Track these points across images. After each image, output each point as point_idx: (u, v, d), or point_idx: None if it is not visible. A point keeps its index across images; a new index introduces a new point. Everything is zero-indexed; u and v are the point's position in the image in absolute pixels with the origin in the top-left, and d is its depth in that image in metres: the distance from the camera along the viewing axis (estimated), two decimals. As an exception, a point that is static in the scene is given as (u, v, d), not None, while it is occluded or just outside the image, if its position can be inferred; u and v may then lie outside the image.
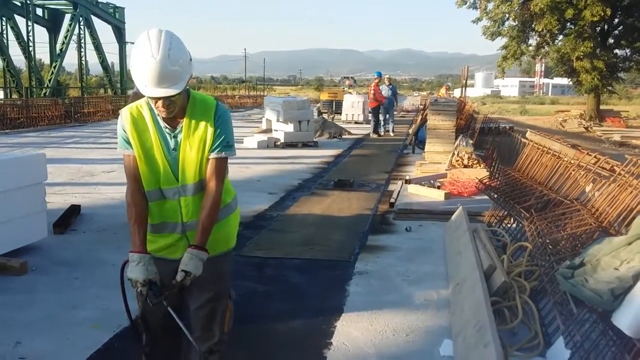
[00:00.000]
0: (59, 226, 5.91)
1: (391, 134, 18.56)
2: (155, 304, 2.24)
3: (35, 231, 5.25)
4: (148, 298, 2.23)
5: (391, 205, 7.51)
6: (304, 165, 11.58)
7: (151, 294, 2.22)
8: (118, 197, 7.50)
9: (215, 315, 2.44)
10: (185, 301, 2.43)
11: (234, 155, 2.37)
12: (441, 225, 6.23)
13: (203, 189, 2.32)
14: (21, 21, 29.94)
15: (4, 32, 29.29)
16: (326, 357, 3.34)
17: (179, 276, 2.20)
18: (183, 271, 2.20)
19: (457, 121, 12.35)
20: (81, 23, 32.94)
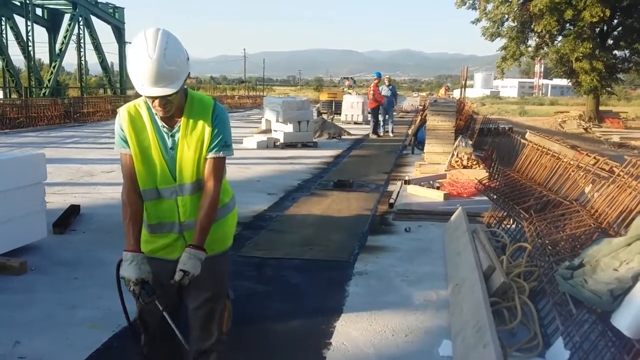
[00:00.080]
0: (59, 226, 5.92)
1: (390, 135, 18.57)
2: (148, 303, 2.25)
3: (34, 231, 5.25)
4: (141, 297, 2.24)
5: (390, 205, 7.51)
6: (304, 165, 11.58)
7: (144, 293, 2.23)
8: (117, 197, 7.41)
9: (213, 315, 2.44)
10: (183, 301, 2.43)
11: (232, 155, 2.37)
12: (440, 225, 6.24)
13: (200, 189, 2.32)
14: (20, 21, 29.97)
15: (4, 32, 29.28)
16: (325, 357, 3.35)
17: (178, 276, 2.21)
18: (181, 271, 2.20)
19: (457, 122, 12.36)
20: (81, 23, 32.94)
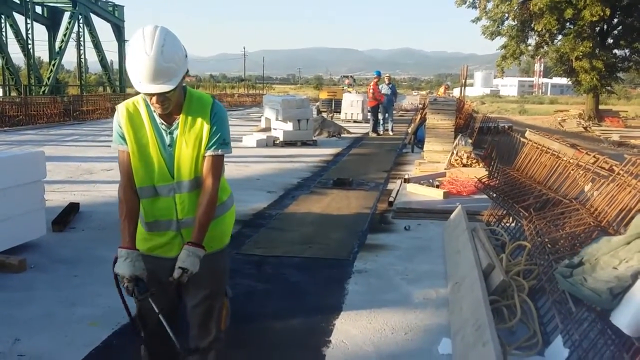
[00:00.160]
0: (58, 224, 5.91)
1: (390, 133, 18.56)
2: (140, 300, 2.25)
3: (34, 229, 5.25)
4: (134, 294, 2.24)
5: (390, 204, 7.51)
6: (303, 164, 11.58)
7: (137, 290, 2.23)
8: (116, 195, 7.45)
9: (212, 312, 2.44)
10: (182, 299, 2.43)
11: (230, 153, 2.36)
12: (440, 224, 6.24)
13: (198, 186, 2.32)
14: (20, 19, 29.95)
15: (3, 30, 29.25)
16: (325, 355, 3.35)
17: (176, 273, 2.20)
18: (180, 268, 2.20)
19: (456, 120, 12.37)
20: (80, 21, 32.91)
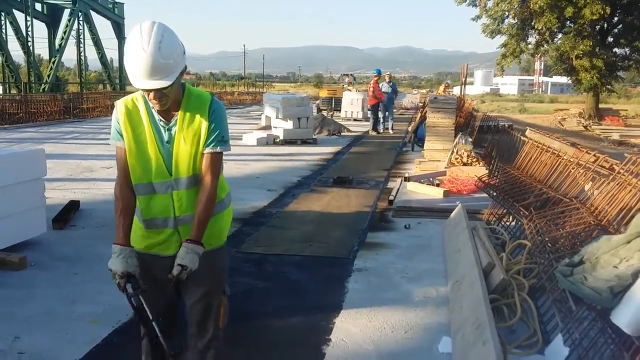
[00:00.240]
0: (58, 221, 5.92)
1: (390, 132, 18.55)
2: (131, 297, 2.26)
3: (34, 226, 5.25)
4: (125, 291, 2.25)
5: (390, 202, 7.51)
6: (303, 162, 11.57)
7: (129, 287, 2.24)
8: (117, 193, 7.49)
9: (210, 310, 2.44)
10: (181, 297, 2.43)
11: (229, 150, 2.35)
12: (440, 222, 6.24)
13: (196, 183, 2.32)
14: (20, 16, 29.95)
15: (3, 27, 29.27)
16: (325, 354, 3.35)
17: (176, 270, 2.20)
18: (179, 265, 2.20)
19: (457, 119, 12.36)
20: (80, 18, 32.91)
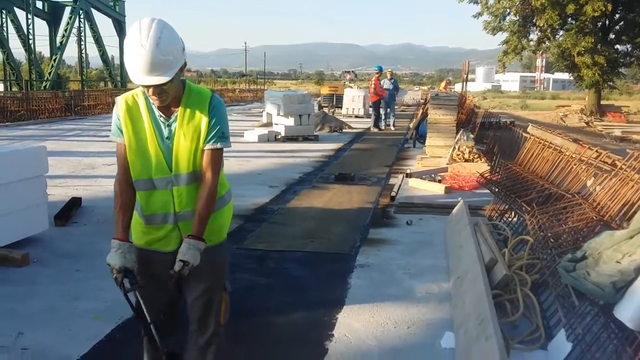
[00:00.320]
0: (60, 218, 5.93)
1: (392, 128, 18.55)
2: (128, 292, 2.27)
3: (36, 223, 5.26)
4: (122, 286, 2.26)
5: (392, 199, 7.51)
6: (305, 159, 11.58)
7: (126, 282, 2.25)
8: (119, 190, 7.50)
9: (211, 306, 2.45)
10: (182, 294, 2.43)
11: (229, 147, 2.35)
12: (442, 219, 6.23)
13: (197, 180, 2.32)
14: (21, 14, 29.96)
15: (4, 25, 29.26)
16: (328, 349, 3.35)
17: (177, 266, 2.21)
18: (181, 261, 2.21)
19: (458, 116, 12.34)
20: (81, 16, 32.91)
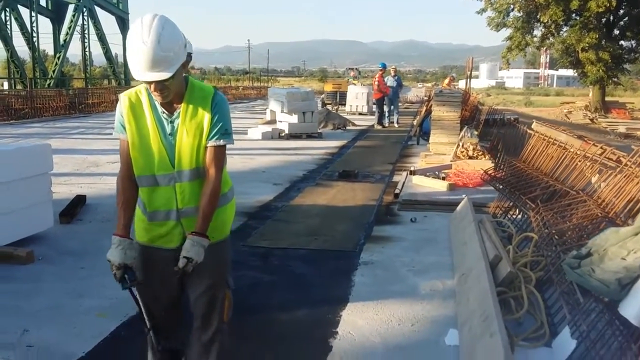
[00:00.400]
0: (65, 216, 5.94)
1: (396, 125, 18.53)
2: (126, 289, 2.28)
3: (41, 221, 5.27)
4: (121, 282, 2.26)
5: (396, 196, 7.50)
6: (309, 156, 11.57)
7: (125, 279, 2.26)
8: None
9: (215, 303, 2.45)
10: (185, 292, 2.44)
11: (232, 143, 2.35)
12: (446, 216, 6.22)
13: (199, 176, 2.33)
14: (25, 12, 29.98)
15: (8, 23, 29.30)
16: (332, 347, 3.35)
17: (181, 262, 2.21)
18: (185, 257, 2.21)
19: (462, 112, 12.32)
20: (85, 14, 32.92)
